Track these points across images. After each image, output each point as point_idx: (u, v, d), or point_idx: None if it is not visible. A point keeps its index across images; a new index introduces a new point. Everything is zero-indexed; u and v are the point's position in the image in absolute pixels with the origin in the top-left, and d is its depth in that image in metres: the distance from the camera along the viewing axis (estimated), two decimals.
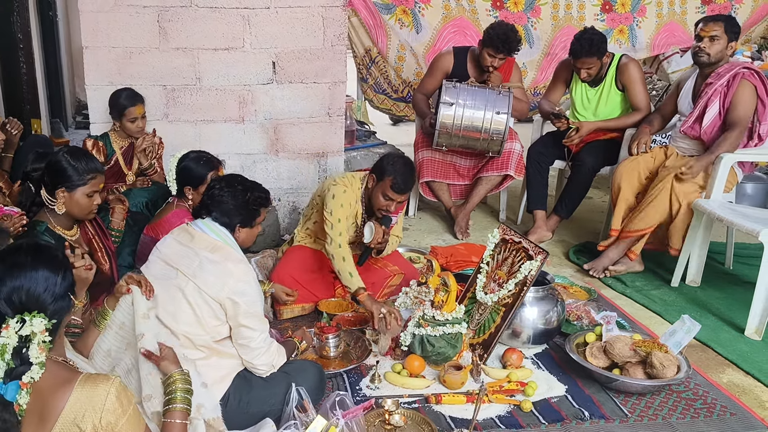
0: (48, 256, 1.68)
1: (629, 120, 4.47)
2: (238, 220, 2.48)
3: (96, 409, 1.58)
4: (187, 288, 2.32)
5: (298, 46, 4.26)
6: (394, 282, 3.60)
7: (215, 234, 2.43)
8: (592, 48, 4.32)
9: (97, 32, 3.98)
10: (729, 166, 3.77)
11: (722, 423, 2.63)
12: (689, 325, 2.89)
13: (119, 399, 1.61)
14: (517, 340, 3.13)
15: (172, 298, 2.32)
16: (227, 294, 2.32)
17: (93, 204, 2.70)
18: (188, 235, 2.43)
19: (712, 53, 3.85)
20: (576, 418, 2.64)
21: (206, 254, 2.36)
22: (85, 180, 2.67)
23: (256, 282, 2.44)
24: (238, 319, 2.35)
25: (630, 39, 6.23)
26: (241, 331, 2.37)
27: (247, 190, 2.51)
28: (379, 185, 3.33)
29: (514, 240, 3.19)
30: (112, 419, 1.60)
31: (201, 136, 4.27)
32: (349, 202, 3.35)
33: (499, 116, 4.34)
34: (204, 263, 2.34)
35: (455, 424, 2.57)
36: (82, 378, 1.61)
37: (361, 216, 3.48)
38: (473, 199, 4.74)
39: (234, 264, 2.38)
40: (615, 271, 3.99)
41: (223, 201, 2.46)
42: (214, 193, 2.48)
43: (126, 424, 1.63)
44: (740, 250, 4.27)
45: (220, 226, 2.45)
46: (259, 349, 2.41)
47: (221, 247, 2.40)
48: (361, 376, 2.91)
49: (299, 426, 2.34)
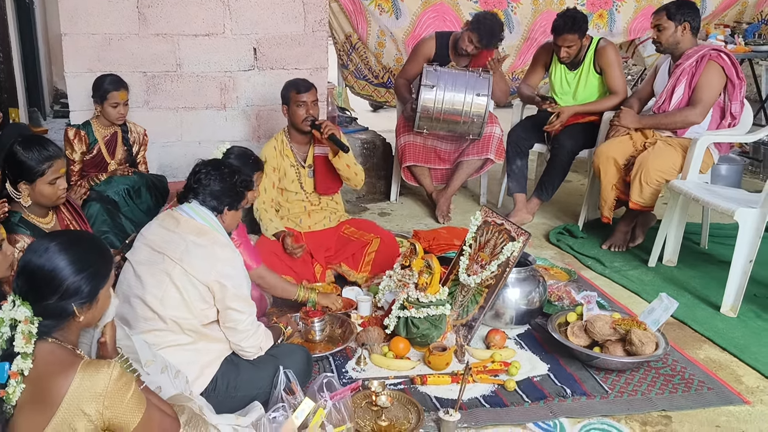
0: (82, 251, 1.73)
1: (607, 103, 4.53)
2: (225, 203, 2.48)
3: (98, 393, 1.60)
4: (174, 272, 2.33)
5: (279, 32, 4.27)
6: (373, 248, 3.66)
7: (201, 218, 2.43)
8: (574, 25, 4.37)
9: (76, 19, 3.96)
10: (705, 147, 3.84)
11: (700, 397, 2.71)
12: (667, 303, 2.96)
13: (120, 382, 1.64)
14: (500, 320, 3.19)
15: (159, 282, 2.33)
16: (215, 277, 2.34)
17: (58, 190, 2.61)
18: (174, 221, 2.44)
19: (663, 41, 4.03)
20: (558, 395, 2.70)
21: (193, 238, 2.37)
22: (42, 170, 2.56)
23: (242, 265, 2.46)
24: (225, 302, 2.37)
25: (608, 23, 6.28)
26: (229, 313, 2.39)
27: (234, 173, 2.52)
28: (290, 106, 3.61)
29: (496, 222, 3.23)
30: (115, 403, 1.62)
31: (183, 123, 4.27)
32: (269, 148, 3.65)
33: (480, 98, 4.38)
34: (190, 247, 2.35)
35: (441, 404, 2.61)
36: (83, 363, 1.63)
37: (294, 156, 3.68)
38: (454, 183, 4.78)
39: (221, 248, 2.39)
40: None
41: (211, 184, 2.46)
42: (201, 177, 2.47)
43: (128, 404, 1.65)
44: (715, 230, 4.36)
45: (207, 210, 2.45)
46: (246, 332, 2.43)
47: (207, 232, 2.41)
48: (347, 358, 2.94)
49: (287, 408, 2.37)
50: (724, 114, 4.01)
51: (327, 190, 3.79)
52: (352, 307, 3.29)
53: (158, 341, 2.31)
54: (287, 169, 3.70)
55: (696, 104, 3.94)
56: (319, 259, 3.66)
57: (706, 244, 4.30)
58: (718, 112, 4.03)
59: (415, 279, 3.07)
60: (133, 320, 2.34)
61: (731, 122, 4.01)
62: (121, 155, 3.82)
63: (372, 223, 3.94)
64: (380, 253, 3.64)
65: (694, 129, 4.01)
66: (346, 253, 3.67)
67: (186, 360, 2.32)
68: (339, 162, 3.65)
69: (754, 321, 3.35)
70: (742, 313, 3.39)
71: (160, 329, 2.33)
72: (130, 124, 3.86)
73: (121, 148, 3.81)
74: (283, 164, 3.68)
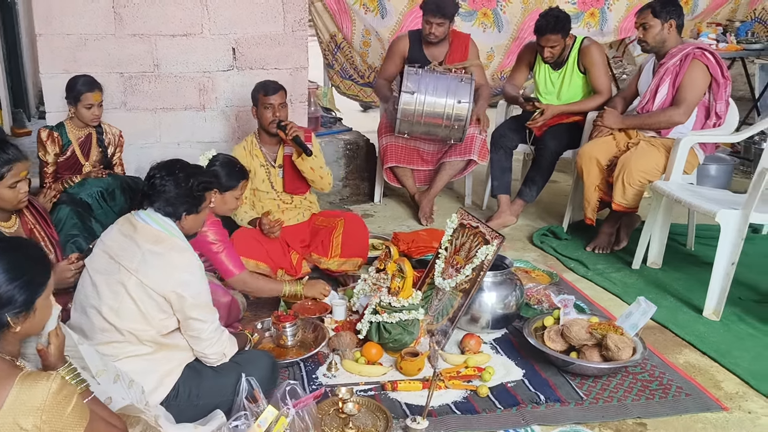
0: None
1: (591, 103, 4.47)
2: (183, 208, 2.39)
3: (36, 407, 1.54)
4: (130, 283, 2.25)
5: (258, 31, 4.21)
6: (339, 231, 3.65)
7: (158, 225, 2.35)
8: (557, 25, 4.30)
9: (51, 19, 3.91)
10: (688, 148, 3.78)
11: (676, 403, 2.65)
12: (645, 307, 2.90)
13: (60, 394, 1.57)
14: (476, 325, 3.13)
15: (115, 294, 2.26)
16: (171, 287, 2.26)
17: (20, 193, 2.55)
18: (131, 226, 2.36)
19: (649, 40, 3.96)
20: (531, 402, 2.64)
21: (149, 247, 2.29)
22: (1, 173, 2.49)
23: (201, 271, 2.38)
24: (185, 312, 2.30)
25: (600, 22, 6.21)
26: (190, 323, 2.33)
27: (189, 176, 2.40)
28: (259, 108, 3.61)
29: (471, 225, 3.18)
30: (54, 417, 1.56)
31: (161, 124, 4.21)
32: (239, 149, 3.65)
33: (461, 105, 4.31)
34: (147, 256, 2.27)
35: (411, 411, 2.56)
36: (21, 375, 1.57)
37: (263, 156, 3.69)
38: (437, 184, 4.72)
39: (178, 253, 2.32)
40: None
41: (166, 190, 2.35)
42: (156, 183, 2.37)
43: (68, 419, 1.59)
44: (702, 232, 4.29)
45: (164, 216, 2.38)
46: (210, 340, 2.37)
47: (164, 239, 2.33)
48: (319, 364, 2.89)
49: (249, 417, 2.32)
50: (709, 114, 3.95)
51: (296, 189, 3.78)
52: (326, 312, 3.23)
53: (116, 353, 2.25)
54: (257, 169, 3.68)
55: (680, 104, 3.88)
56: (296, 248, 3.66)
57: (693, 246, 4.24)
58: (702, 111, 3.96)
59: (388, 282, 3.01)
60: (90, 331, 2.27)
61: (716, 122, 3.95)
62: (96, 157, 3.76)
63: (340, 211, 3.94)
64: (347, 235, 3.65)
65: (679, 129, 3.95)
66: (315, 242, 3.69)
67: (145, 369, 2.26)
68: (303, 164, 3.63)
69: (737, 325, 3.29)
70: (725, 317, 3.33)
71: (118, 341, 2.26)
72: (105, 125, 3.80)
73: (95, 149, 3.75)
74: (253, 164, 3.65)
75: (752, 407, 2.65)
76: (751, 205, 3.22)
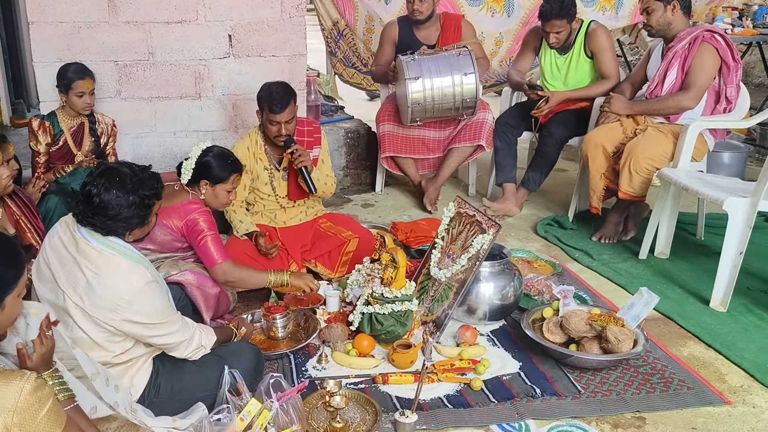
0: None
1: (598, 89, 4.34)
2: (128, 226, 2.16)
3: (7, 408, 1.46)
4: (76, 315, 2.09)
5: (255, 17, 4.12)
6: (351, 248, 3.48)
7: (101, 243, 2.11)
8: (562, 10, 4.18)
9: (44, 6, 3.84)
10: (696, 133, 3.65)
11: (678, 397, 2.54)
12: (647, 298, 2.80)
13: (34, 395, 1.49)
14: (473, 316, 3.04)
15: (64, 323, 2.08)
16: (120, 317, 2.09)
17: (1, 179, 2.54)
18: (73, 241, 2.12)
19: (653, 24, 3.84)
20: (527, 395, 2.55)
21: (92, 272, 2.08)
22: None
23: (151, 286, 2.15)
24: (144, 337, 2.17)
25: (616, 6, 6.05)
26: (155, 341, 2.21)
27: (133, 190, 2.11)
28: (263, 117, 3.36)
29: (468, 213, 3.08)
30: (26, 419, 1.48)
31: (156, 113, 4.14)
32: (242, 149, 3.44)
33: (468, 77, 4.21)
34: (91, 282, 2.07)
35: (401, 405, 2.48)
36: None
37: (268, 159, 3.49)
38: (444, 171, 4.61)
39: (121, 277, 2.09)
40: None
41: (107, 207, 2.08)
42: (94, 201, 2.07)
43: (41, 422, 1.50)
44: (713, 221, 4.16)
45: (104, 236, 2.12)
46: (182, 343, 2.27)
47: (107, 259, 2.10)
48: (309, 356, 2.81)
49: (232, 410, 2.25)
50: (719, 98, 3.81)
51: (300, 196, 3.59)
52: (319, 303, 3.15)
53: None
54: (260, 172, 3.49)
55: (689, 88, 3.74)
56: (295, 256, 3.49)
57: (702, 236, 4.11)
58: (712, 96, 3.83)
59: (382, 273, 2.92)
60: None
61: (726, 107, 3.81)
62: (89, 147, 3.70)
63: (350, 218, 3.76)
64: (359, 253, 3.42)
65: (688, 115, 3.82)
66: (322, 249, 3.50)
67: (113, 374, 2.15)
68: (302, 185, 3.46)
69: (745, 316, 3.17)
70: (732, 308, 3.22)
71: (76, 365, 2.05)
72: (98, 114, 3.74)
73: (88, 139, 3.69)
74: (256, 167, 3.48)
75: (757, 401, 2.54)
76: (761, 193, 3.09)
